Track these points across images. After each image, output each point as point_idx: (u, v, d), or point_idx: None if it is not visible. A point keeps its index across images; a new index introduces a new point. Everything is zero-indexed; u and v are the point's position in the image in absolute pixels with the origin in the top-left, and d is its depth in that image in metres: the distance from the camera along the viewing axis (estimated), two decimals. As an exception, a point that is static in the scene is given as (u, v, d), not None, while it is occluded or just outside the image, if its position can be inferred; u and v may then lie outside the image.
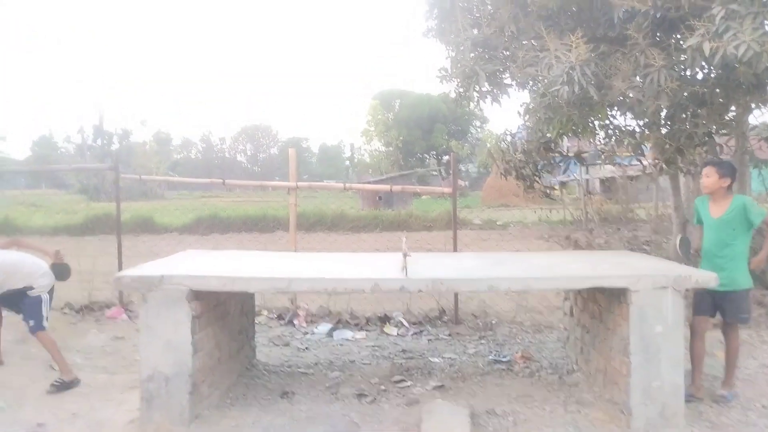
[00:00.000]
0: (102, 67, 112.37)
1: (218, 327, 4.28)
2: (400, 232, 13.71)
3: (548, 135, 7.02)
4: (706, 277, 3.71)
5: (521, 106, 6.92)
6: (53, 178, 44.26)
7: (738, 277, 4.09)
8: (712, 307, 4.20)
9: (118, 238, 7.26)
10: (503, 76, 6.46)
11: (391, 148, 53.76)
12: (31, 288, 4.73)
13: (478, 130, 58.89)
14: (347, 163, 77.84)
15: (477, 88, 6.38)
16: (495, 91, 6.52)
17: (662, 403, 3.67)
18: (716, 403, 4.07)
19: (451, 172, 7.12)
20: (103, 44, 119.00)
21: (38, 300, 4.74)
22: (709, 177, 4.22)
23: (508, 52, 6.19)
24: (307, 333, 6.26)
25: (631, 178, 18.42)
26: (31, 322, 4.70)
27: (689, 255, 4.62)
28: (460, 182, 46.85)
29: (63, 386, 4.53)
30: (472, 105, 6.94)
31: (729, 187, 4.21)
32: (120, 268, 6.62)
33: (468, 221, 19.16)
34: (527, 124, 7.36)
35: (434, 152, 56.31)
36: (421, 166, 51.82)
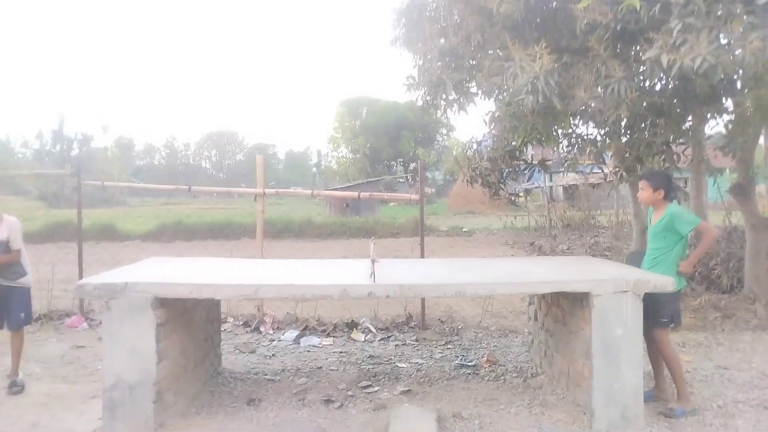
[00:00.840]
0: (62, 70, 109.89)
1: (184, 334, 4.23)
2: (368, 238, 13.76)
3: (513, 143, 7.15)
4: (663, 282, 3.82)
5: (487, 114, 7.04)
6: (11, 184, 42.78)
7: None
8: None
9: (79, 246, 7.10)
10: (469, 84, 6.55)
11: (358, 155, 53.80)
12: (26, 275, 4.70)
13: (445, 137, 59.39)
14: (314, 169, 77.61)
15: (444, 97, 6.47)
16: (461, 99, 6.61)
17: (623, 405, 3.77)
18: (663, 415, 4.01)
19: (418, 179, 7.18)
20: (63, 46, 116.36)
21: (28, 291, 4.74)
22: (644, 190, 4.26)
23: (474, 62, 6.29)
24: (273, 340, 6.22)
25: (593, 185, 18.88)
26: (22, 315, 4.68)
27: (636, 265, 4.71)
28: (427, 189, 47.15)
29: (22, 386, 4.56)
30: (439, 113, 7.03)
31: (665, 198, 4.23)
32: (81, 276, 6.48)
33: (435, 228, 19.31)
34: (493, 132, 7.49)
35: (401, 160, 56.54)
36: (389, 173, 51.95)
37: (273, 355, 5.69)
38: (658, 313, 4.06)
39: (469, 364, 5.27)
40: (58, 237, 15.15)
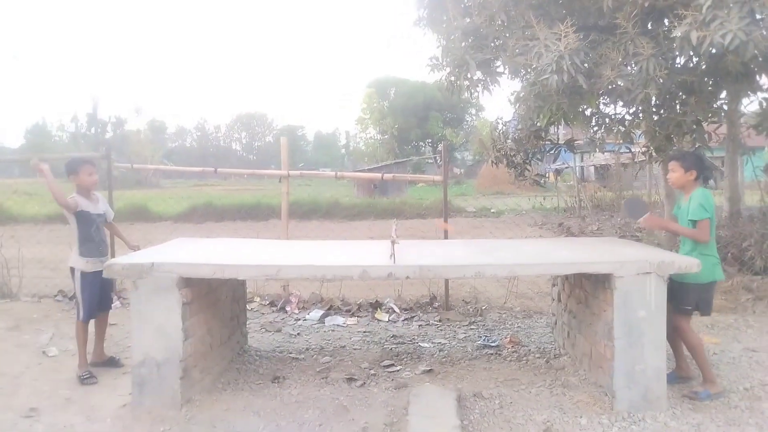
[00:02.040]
0: (96, 54, 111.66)
1: (209, 313, 4.33)
2: (394, 220, 13.79)
3: (538, 123, 7.06)
4: (688, 263, 3.76)
5: (512, 94, 6.95)
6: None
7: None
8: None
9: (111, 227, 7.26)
10: (494, 64, 6.48)
11: (386, 136, 53.73)
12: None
13: (474, 118, 58.84)
14: (343, 151, 77.80)
15: (468, 77, 6.42)
16: (486, 79, 6.54)
17: (645, 386, 3.75)
18: (688, 397, 3.96)
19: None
20: (98, 31, 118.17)
21: None
22: (675, 172, 4.09)
23: (499, 41, 6.21)
24: (299, 319, 6.32)
25: (625, 165, 18.50)
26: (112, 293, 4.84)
27: (634, 216, 4.46)
28: (456, 170, 46.85)
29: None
30: (465, 94, 6.97)
31: (696, 179, 4.05)
32: (113, 256, 6.65)
33: (462, 209, 19.25)
34: (518, 112, 7.40)
35: (430, 140, 56.29)
36: (417, 154, 51.78)
37: (298, 334, 5.79)
38: (682, 299, 3.97)
39: (492, 344, 5.28)
40: (92, 218, 15.49)
